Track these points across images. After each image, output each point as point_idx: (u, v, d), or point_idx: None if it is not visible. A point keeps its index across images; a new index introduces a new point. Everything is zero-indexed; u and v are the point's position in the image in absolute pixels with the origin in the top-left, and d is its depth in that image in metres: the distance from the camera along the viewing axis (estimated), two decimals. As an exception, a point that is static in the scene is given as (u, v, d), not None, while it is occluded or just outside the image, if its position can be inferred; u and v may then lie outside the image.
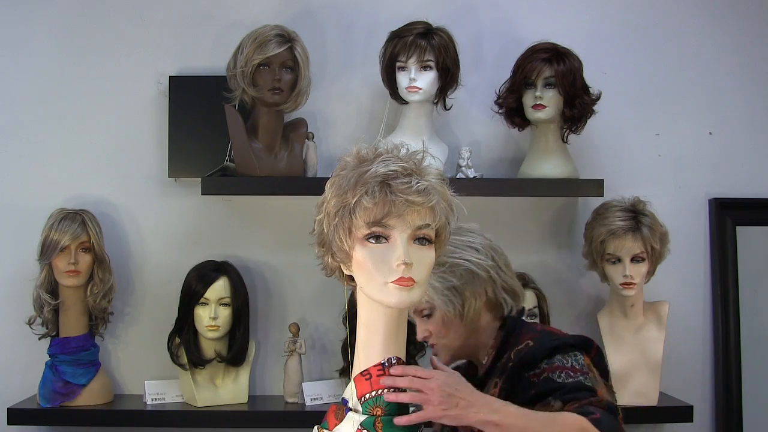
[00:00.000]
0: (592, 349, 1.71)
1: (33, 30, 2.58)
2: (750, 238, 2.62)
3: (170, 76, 2.55)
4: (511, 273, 1.82)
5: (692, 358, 2.61)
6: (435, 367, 1.59)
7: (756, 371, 2.57)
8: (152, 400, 2.44)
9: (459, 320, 1.76)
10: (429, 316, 1.80)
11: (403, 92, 2.37)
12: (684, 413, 2.41)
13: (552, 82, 2.36)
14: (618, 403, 2.39)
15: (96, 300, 2.40)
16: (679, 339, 2.55)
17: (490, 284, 1.77)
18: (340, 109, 2.60)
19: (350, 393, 1.55)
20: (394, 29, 2.38)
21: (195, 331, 2.40)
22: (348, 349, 1.80)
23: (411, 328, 2.37)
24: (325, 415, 1.59)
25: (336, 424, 1.54)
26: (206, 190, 2.35)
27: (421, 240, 1.50)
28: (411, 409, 1.57)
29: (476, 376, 1.79)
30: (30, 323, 2.40)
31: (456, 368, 1.80)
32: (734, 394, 2.56)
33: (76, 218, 2.38)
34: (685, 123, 2.64)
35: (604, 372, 1.72)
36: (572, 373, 1.61)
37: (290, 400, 2.44)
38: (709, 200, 2.62)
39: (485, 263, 1.77)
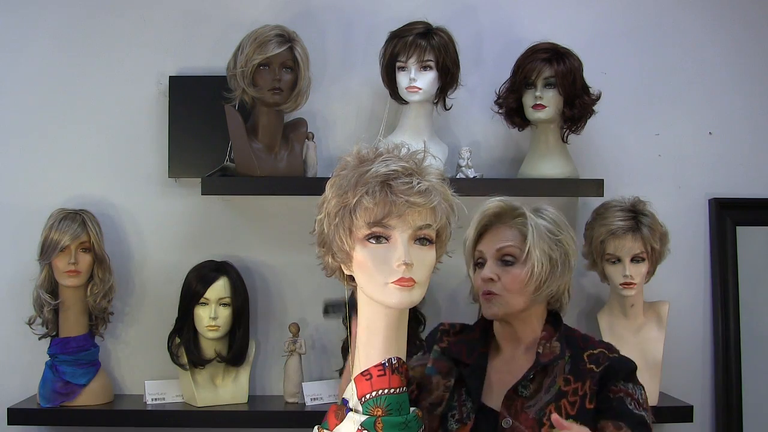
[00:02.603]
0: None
1: (33, 30, 2.58)
2: (750, 238, 2.62)
3: (170, 76, 2.55)
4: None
5: (692, 358, 2.61)
6: (561, 426, 1.60)
7: (756, 371, 2.57)
8: (152, 400, 2.44)
9: (534, 287, 1.75)
10: (512, 263, 1.77)
11: (403, 92, 2.37)
12: (684, 413, 2.41)
13: (552, 82, 2.36)
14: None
15: (96, 300, 2.40)
16: (679, 339, 2.55)
17: (569, 274, 1.80)
18: (340, 109, 2.60)
19: (351, 393, 1.55)
20: (394, 29, 2.38)
21: (195, 331, 2.40)
22: (348, 349, 1.80)
23: (411, 328, 2.38)
24: (326, 415, 1.59)
25: (336, 424, 1.54)
26: (206, 190, 2.35)
27: (422, 240, 1.50)
28: (412, 409, 1.57)
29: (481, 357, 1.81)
30: (30, 323, 2.40)
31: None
32: (734, 394, 2.56)
33: (76, 218, 2.38)
34: (685, 123, 2.64)
35: None
36: (637, 406, 1.70)
37: (290, 400, 2.44)
38: (709, 200, 2.63)
39: (573, 253, 1.81)
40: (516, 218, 1.80)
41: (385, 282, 1.46)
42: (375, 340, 1.52)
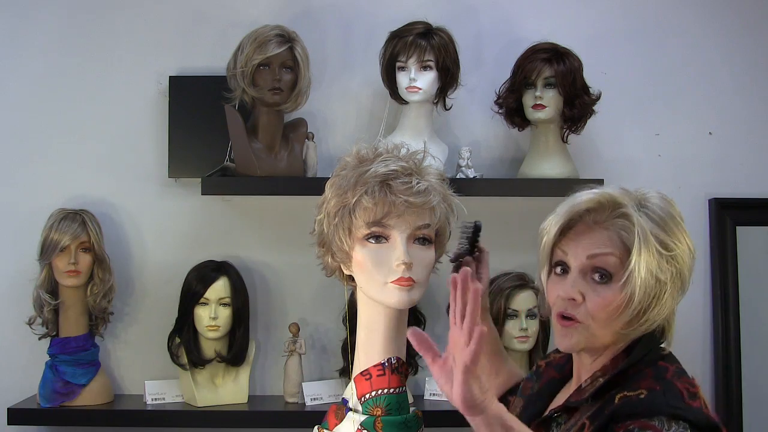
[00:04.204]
0: None
1: (33, 30, 2.58)
2: (750, 238, 2.61)
3: (170, 76, 2.55)
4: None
5: (692, 358, 2.61)
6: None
7: (756, 371, 2.57)
8: (152, 400, 2.44)
9: (629, 319, 1.33)
10: (606, 281, 1.33)
11: (403, 92, 2.37)
12: (684, 413, 2.41)
13: (552, 82, 2.36)
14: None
15: (96, 300, 2.40)
16: (678, 339, 2.53)
17: (678, 299, 1.38)
18: (340, 109, 2.60)
19: (350, 393, 1.55)
20: (394, 29, 2.38)
21: (195, 331, 2.40)
22: (348, 349, 1.80)
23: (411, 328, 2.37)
24: (326, 415, 1.59)
25: (336, 424, 1.54)
26: (206, 190, 2.35)
27: (421, 240, 1.50)
28: (412, 409, 1.57)
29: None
30: (30, 323, 2.40)
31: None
32: (734, 394, 2.56)
33: (76, 218, 2.38)
34: (685, 123, 2.64)
35: None
36: None
37: (290, 400, 2.44)
38: (709, 200, 2.62)
39: (689, 270, 1.36)
40: (617, 218, 1.36)
41: (384, 282, 1.46)
42: (374, 340, 1.52)
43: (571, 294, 1.34)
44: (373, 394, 1.51)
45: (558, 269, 1.39)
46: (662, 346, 1.43)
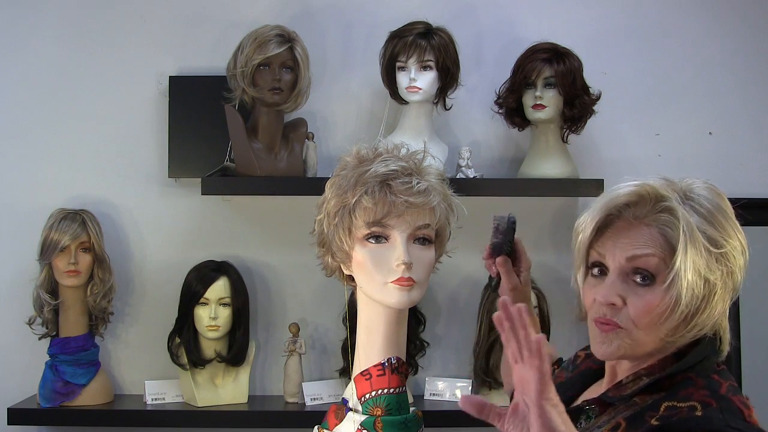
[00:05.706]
0: None
1: (33, 30, 2.58)
2: (750, 238, 2.60)
3: (170, 76, 2.55)
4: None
5: (692, 358, 2.61)
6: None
7: (756, 371, 2.57)
8: (152, 400, 2.44)
9: (675, 325, 1.21)
10: (649, 283, 1.22)
11: (403, 92, 2.37)
12: (684, 413, 2.41)
13: (552, 82, 2.36)
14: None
15: (96, 300, 2.40)
16: (679, 339, 2.55)
17: (729, 300, 1.27)
18: (340, 109, 2.60)
19: (350, 393, 1.55)
20: (394, 29, 2.38)
21: (195, 331, 2.40)
22: (348, 349, 1.80)
23: (411, 328, 2.37)
24: (326, 415, 1.59)
25: (336, 424, 1.54)
26: (206, 190, 2.35)
27: (421, 240, 1.50)
28: (412, 409, 1.57)
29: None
30: (30, 323, 2.40)
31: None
32: (734, 394, 2.56)
33: (76, 218, 2.38)
34: (685, 123, 2.64)
35: None
36: None
37: (290, 400, 2.44)
38: (709, 200, 2.62)
39: (741, 269, 1.27)
40: (660, 212, 1.25)
41: (384, 282, 1.47)
42: (374, 340, 1.52)
43: (609, 299, 1.22)
44: (373, 394, 1.51)
45: (595, 270, 1.27)
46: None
